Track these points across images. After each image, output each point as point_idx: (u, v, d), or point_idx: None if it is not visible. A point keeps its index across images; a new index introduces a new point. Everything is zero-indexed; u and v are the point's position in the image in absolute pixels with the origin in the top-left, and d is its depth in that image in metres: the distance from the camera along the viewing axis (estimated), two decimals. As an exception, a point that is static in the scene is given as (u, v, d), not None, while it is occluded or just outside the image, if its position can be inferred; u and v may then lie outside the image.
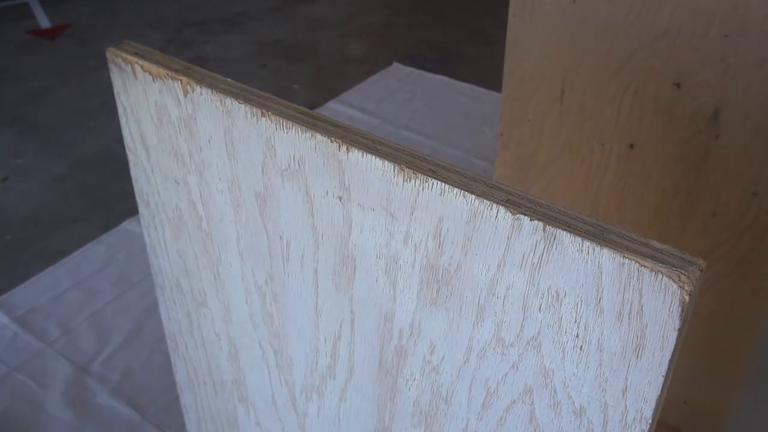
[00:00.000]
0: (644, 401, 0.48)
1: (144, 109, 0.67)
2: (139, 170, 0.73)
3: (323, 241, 0.60)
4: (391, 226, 0.55)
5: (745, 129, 1.04)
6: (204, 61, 3.15)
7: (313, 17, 3.63)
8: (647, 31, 1.06)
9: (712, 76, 1.04)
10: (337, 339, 0.66)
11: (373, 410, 0.68)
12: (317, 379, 0.72)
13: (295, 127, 0.56)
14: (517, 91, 1.26)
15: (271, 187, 0.61)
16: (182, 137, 0.66)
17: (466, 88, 2.93)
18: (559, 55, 1.17)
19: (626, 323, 0.46)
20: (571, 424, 0.53)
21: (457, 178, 0.50)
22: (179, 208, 0.73)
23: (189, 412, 0.98)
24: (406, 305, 0.58)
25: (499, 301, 0.51)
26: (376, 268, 0.58)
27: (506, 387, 0.55)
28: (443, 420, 0.62)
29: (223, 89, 0.60)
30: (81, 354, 1.68)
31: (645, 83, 1.10)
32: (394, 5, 3.78)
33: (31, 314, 1.79)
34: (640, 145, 1.16)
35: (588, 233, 0.45)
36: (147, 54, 0.65)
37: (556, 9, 1.13)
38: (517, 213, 0.47)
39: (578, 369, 0.50)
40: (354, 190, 0.55)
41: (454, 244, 0.51)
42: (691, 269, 0.42)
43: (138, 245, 2.02)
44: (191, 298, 0.81)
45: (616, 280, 0.44)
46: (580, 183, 1.26)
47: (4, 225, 2.12)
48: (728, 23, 0.99)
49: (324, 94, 2.90)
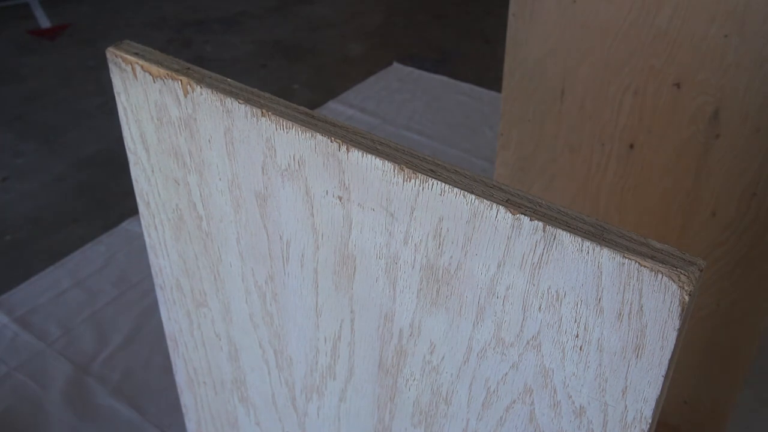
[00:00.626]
0: (644, 401, 0.48)
1: (144, 109, 0.67)
2: (139, 170, 0.73)
3: (323, 241, 0.60)
4: (391, 226, 0.55)
5: (745, 129, 1.04)
6: (204, 61, 3.15)
7: (313, 17, 3.63)
8: (647, 31, 1.06)
9: (712, 76, 1.04)
10: (337, 339, 0.66)
11: (373, 410, 0.68)
12: (317, 379, 0.72)
13: (295, 127, 0.56)
14: (517, 91, 1.26)
15: (271, 187, 0.61)
16: (182, 137, 0.66)
17: (466, 88, 2.93)
18: (559, 55, 1.17)
19: (626, 323, 0.46)
20: (571, 424, 0.53)
21: (457, 178, 0.50)
22: (179, 208, 0.73)
23: (189, 412, 0.98)
24: (406, 305, 0.58)
25: (499, 301, 0.51)
26: (376, 268, 0.58)
27: (506, 387, 0.55)
28: (443, 420, 0.62)
29: (223, 89, 0.60)
30: (81, 354, 1.68)
31: (645, 83, 1.10)
32: (394, 5, 3.78)
33: (31, 314, 1.79)
34: (640, 145, 1.16)
35: (588, 233, 0.45)
36: (147, 54, 0.65)
37: (556, 9, 1.13)
38: (517, 213, 0.47)
39: (578, 369, 0.50)
40: (354, 190, 0.55)
41: (454, 244, 0.51)
42: (691, 269, 0.42)
43: (138, 245, 2.02)
44: (191, 298, 0.81)
45: (616, 280, 0.44)
46: (580, 183, 1.26)
47: (4, 225, 2.12)
48: (728, 23, 0.99)
49: (324, 94, 2.90)
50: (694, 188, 1.13)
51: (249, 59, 3.19)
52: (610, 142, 1.19)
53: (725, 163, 1.08)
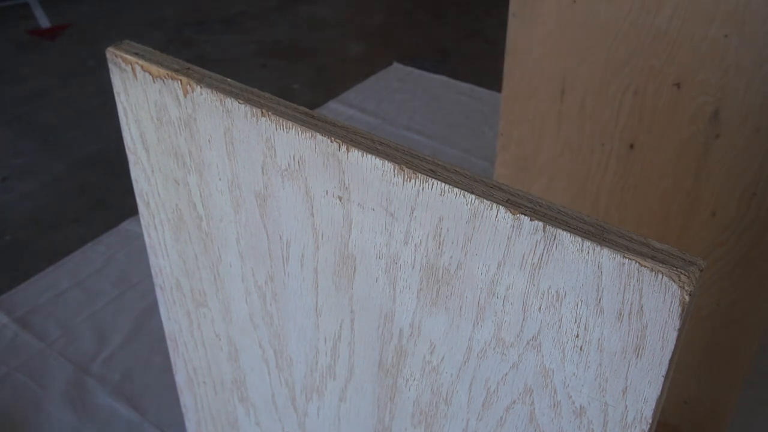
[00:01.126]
0: (644, 401, 0.48)
1: (144, 109, 0.67)
2: (139, 170, 0.73)
3: (323, 241, 0.60)
4: (391, 226, 0.55)
5: (745, 129, 1.04)
6: (204, 61, 3.15)
7: (313, 17, 3.63)
8: (647, 31, 1.06)
9: (712, 76, 1.04)
10: (337, 339, 0.66)
11: (373, 410, 0.68)
12: (317, 379, 0.72)
13: (295, 127, 0.56)
14: (517, 91, 1.26)
15: (271, 187, 0.61)
16: (182, 137, 0.66)
17: (466, 88, 2.93)
18: (559, 55, 1.17)
19: (626, 323, 0.46)
20: (571, 424, 0.53)
21: (457, 178, 0.50)
22: (179, 208, 0.73)
23: (189, 412, 0.98)
24: (406, 305, 0.58)
25: (499, 301, 0.51)
26: (376, 268, 0.58)
27: (506, 387, 0.55)
28: (443, 420, 0.62)
29: (223, 89, 0.60)
30: (81, 354, 1.68)
31: (645, 83, 1.10)
32: (394, 5, 3.78)
33: (31, 314, 1.79)
34: (640, 145, 1.16)
35: (588, 233, 0.45)
36: (147, 54, 0.65)
37: (556, 9, 1.13)
38: (517, 213, 0.47)
39: (578, 369, 0.50)
40: (354, 190, 0.55)
41: (454, 244, 0.51)
42: (691, 269, 0.42)
43: (138, 245, 2.02)
44: (191, 298, 0.81)
45: (616, 280, 0.44)
46: (580, 183, 1.26)
47: (4, 225, 2.12)
48: (728, 23, 0.99)
49: (324, 94, 2.90)
50: (694, 188, 1.13)
51: (249, 59, 3.19)
52: (610, 142, 1.19)
53: (725, 163, 1.08)
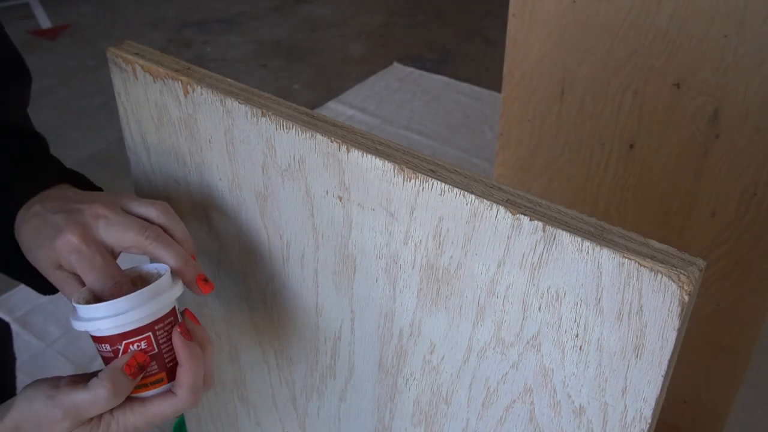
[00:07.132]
0: (644, 401, 0.48)
1: (144, 110, 0.67)
2: (139, 170, 0.73)
3: (323, 241, 0.60)
4: (391, 226, 0.55)
5: (745, 129, 1.04)
6: (204, 61, 3.15)
7: (313, 17, 3.63)
8: (647, 31, 1.06)
9: (712, 76, 1.04)
10: (337, 339, 0.66)
11: (373, 410, 0.68)
12: (317, 378, 0.72)
13: (295, 127, 0.56)
14: (517, 91, 1.26)
15: (271, 187, 0.61)
16: (182, 137, 0.66)
17: (466, 88, 2.93)
18: (559, 55, 1.17)
19: (626, 323, 0.46)
20: (570, 424, 0.53)
21: (457, 178, 0.50)
22: (180, 209, 0.73)
23: (189, 412, 0.98)
24: (406, 305, 0.58)
25: (499, 300, 0.51)
26: (376, 268, 0.58)
27: (506, 387, 0.55)
28: (443, 420, 0.62)
29: (223, 89, 0.60)
30: (81, 354, 1.68)
31: (645, 83, 1.10)
32: (394, 5, 3.78)
33: (31, 314, 1.79)
34: (640, 145, 1.16)
35: (588, 233, 0.45)
36: (147, 54, 0.65)
37: (556, 9, 1.13)
38: (517, 213, 0.47)
39: (578, 369, 0.50)
40: (354, 190, 0.55)
41: (454, 244, 0.52)
42: (690, 269, 0.42)
43: (138, 245, 2.01)
44: (191, 298, 0.81)
45: (616, 280, 0.44)
46: (580, 183, 1.26)
47: (4, 225, 2.12)
48: (728, 23, 0.99)
49: (324, 94, 2.90)
50: (693, 188, 1.13)
51: (249, 59, 3.19)
52: (610, 142, 1.19)
53: (725, 163, 1.08)
